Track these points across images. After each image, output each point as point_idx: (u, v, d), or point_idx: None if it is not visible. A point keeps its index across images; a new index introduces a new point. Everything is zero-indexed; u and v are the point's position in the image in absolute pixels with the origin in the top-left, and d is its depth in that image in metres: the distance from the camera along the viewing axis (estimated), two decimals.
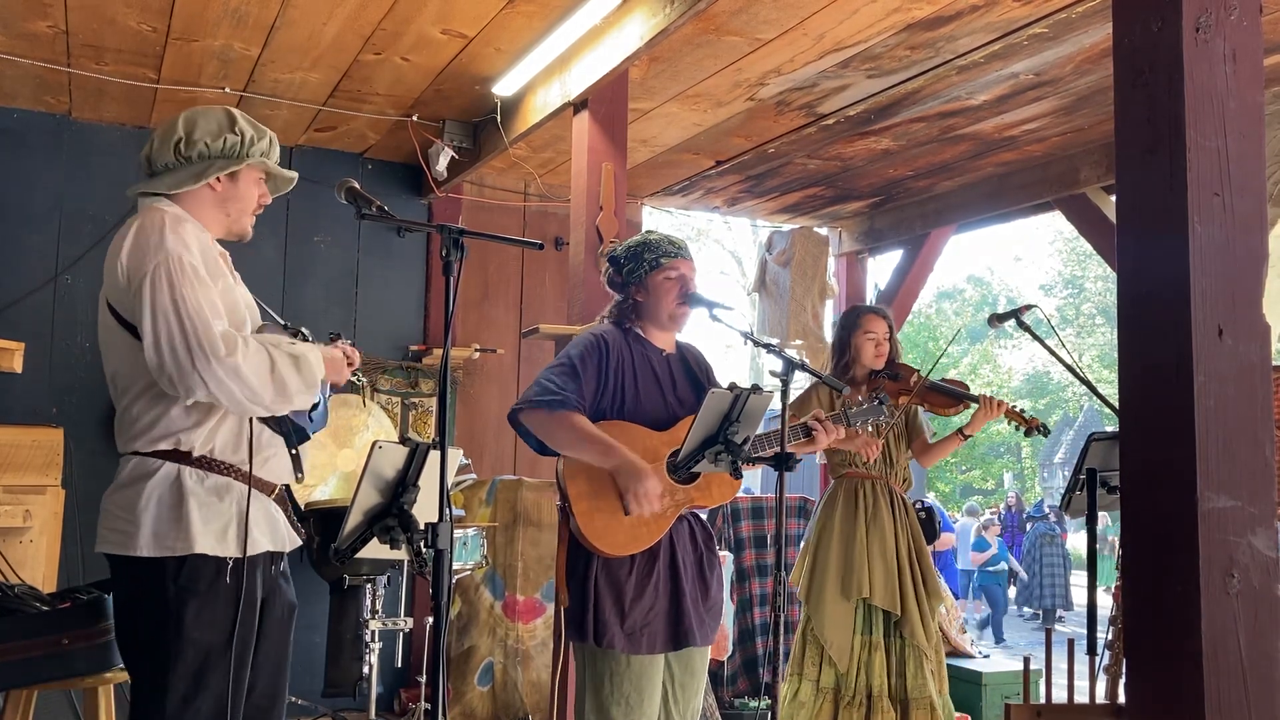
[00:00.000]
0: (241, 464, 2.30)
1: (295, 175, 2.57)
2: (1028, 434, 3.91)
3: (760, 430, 2.96)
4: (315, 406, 2.48)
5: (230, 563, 2.25)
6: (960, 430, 4.01)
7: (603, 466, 2.78)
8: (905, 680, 3.85)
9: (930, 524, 4.07)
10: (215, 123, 2.38)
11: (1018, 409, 3.90)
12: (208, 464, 2.27)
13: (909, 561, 3.93)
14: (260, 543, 2.32)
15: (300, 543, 2.51)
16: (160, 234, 2.23)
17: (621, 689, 2.78)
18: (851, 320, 4.13)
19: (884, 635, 3.90)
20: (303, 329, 2.52)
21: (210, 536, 2.23)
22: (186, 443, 2.25)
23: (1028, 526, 15.33)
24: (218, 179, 2.38)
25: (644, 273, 2.96)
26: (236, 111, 2.43)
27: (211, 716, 2.24)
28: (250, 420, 2.33)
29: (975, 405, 3.94)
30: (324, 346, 2.46)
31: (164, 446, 2.25)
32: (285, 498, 2.49)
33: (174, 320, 2.17)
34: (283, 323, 2.54)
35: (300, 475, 2.46)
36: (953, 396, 3.97)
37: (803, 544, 4.15)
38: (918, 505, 4.11)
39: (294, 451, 2.43)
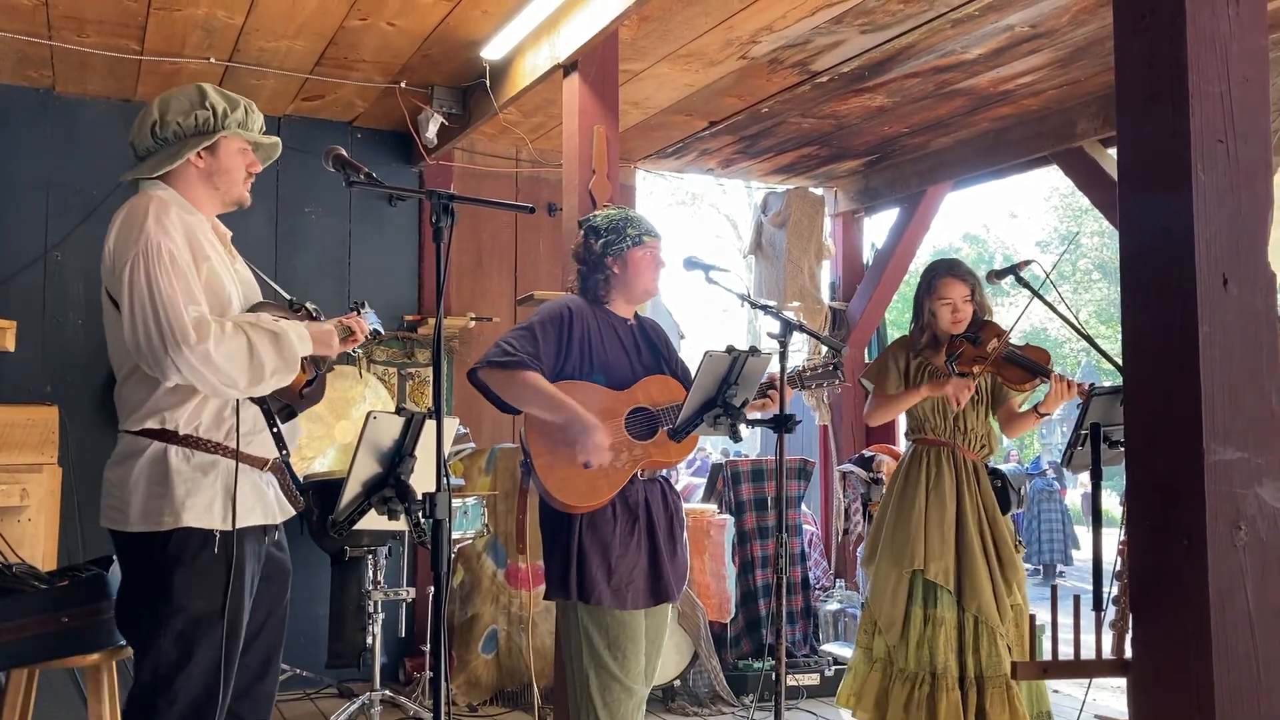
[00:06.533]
0: (225, 441, 2.37)
1: (278, 140, 2.61)
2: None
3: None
4: (310, 383, 2.50)
5: (218, 535, 2.33)
6: (1036, 408, 3.77)
7: (554, 421, 2.89)
8: (980, 658, 3.60)
9: (1005, 493, 3.79)
10: (186, 100, 2.45)
11: (1091, 387, 3.52)
12: (193, 442, 2.34)
13: (978, 533, 3.67)
14: (248, 515, 2.39)
15: (295, 512, 2.58)
16: (143, 222, 2.29)
17: (617, 641, 2.90)
18: (925, 284, 3.85)
19: (951, 610, 3.64)
20: (308, 304, 2.57)
21: (196, 510, 2.31)
22: (171, 421, 2.33)
23: (1026, 483, 15.37)
24: (199, 154, 2.44)
25: (625, 247, 3.06)
26: (209, 86, 2.48)
27: (203, 683, 2.32)
28: (237, 399, 2.39)
29: (1047, 384, 3.64)
30: (313, 322, 2.51)
31: (151, 425, 2.34)
32: (283, 468, 2.53)
33: (148, 307, 2.24)
34: (288, 298, 2.59)
35: (286, 451, 2.50)
36: (1028, 371, 3.68)
37: None
38: (992, 473, 3.82)
39: (275, 430, 2.47)
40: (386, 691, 4.47)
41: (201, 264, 2.36)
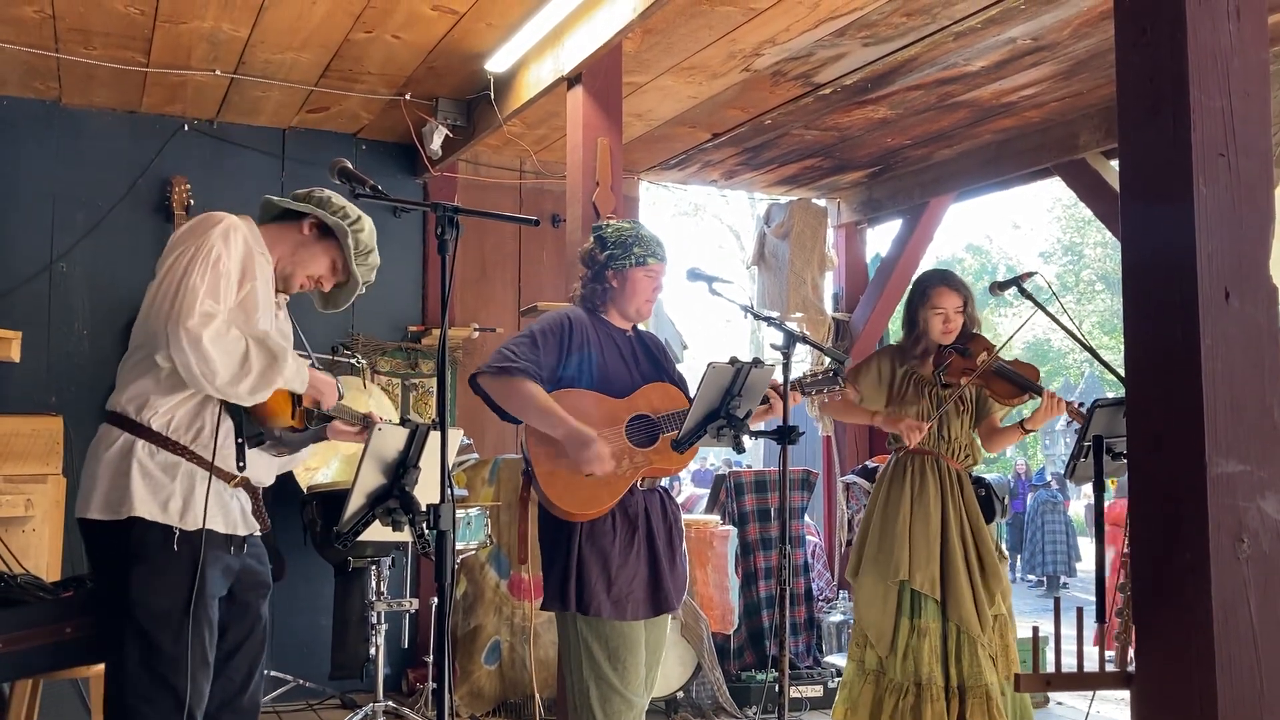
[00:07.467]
0: (191, 445, 2.43)
1: (361, 286, 2.73)
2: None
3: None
4: (294, 430, 2.56)
5: (177, 532, 2.38)
6: (1021, 424, 3.77)
7: (551, 434, 2.88)
8: (962, 668, 3.59)
9: (989, 502, 3.78)
10: (342, 197, 2.66)
11: (1080, 408, 3.58)
12: (161, 440, 2.41)
13: (961, 543, 3.66)
14: (207, 519, 2.41)
15: (260, 531, 2.61)
16: (211, 229, 2.43)
17: (617, 652, 2.89)
18: (919, 293, 3.85)
19: (936, 620, 3.63)
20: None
21: (150, 504, 2.37)
22: (148, 410, 2.41)
23: (1009, 493, 15.33)
24: (311, 225, 2.62)
25: (628, 264, 3.06)
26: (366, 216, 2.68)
27: (170, 685, 2.34)
28: (219, 407, 2.44)
29: (1038, 399, 3.65)
30: (318, 370, 2.58)
31: (129, 410, 2.43)
32: (255, 489, 2.59)
33: (174, 284, 2.35)
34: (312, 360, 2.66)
35: (243, 464, 2.53)
36: (1018, 386, 3.68)
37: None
38: (975, 481, 3.81)
39: (239, 440, 2.51)
40: (389, 702, 4.47)
41: (246, 282, 2.46)
